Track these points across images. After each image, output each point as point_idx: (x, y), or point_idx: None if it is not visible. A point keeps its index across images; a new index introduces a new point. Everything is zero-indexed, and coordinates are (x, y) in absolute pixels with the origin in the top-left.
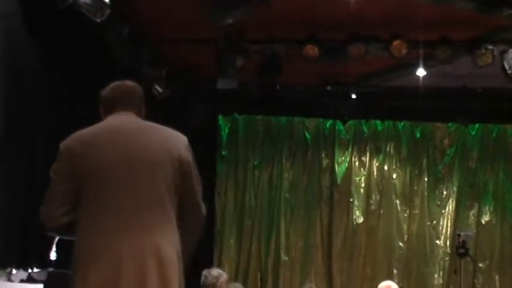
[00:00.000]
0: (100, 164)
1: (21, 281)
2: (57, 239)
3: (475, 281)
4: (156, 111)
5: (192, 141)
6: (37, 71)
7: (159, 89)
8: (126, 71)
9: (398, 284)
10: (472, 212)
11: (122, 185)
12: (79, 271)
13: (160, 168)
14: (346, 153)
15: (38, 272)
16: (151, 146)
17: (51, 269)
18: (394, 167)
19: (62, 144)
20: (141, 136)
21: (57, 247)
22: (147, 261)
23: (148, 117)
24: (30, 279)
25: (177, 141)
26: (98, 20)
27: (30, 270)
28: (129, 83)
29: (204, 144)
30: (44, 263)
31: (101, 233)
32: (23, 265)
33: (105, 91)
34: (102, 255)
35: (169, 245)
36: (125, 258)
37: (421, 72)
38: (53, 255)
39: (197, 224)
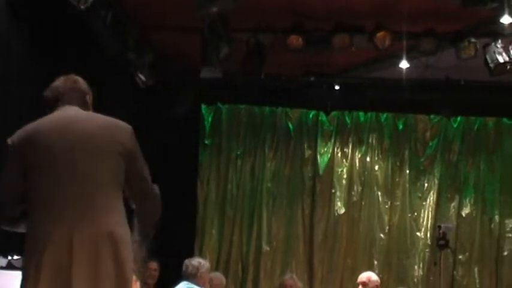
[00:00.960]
0: (44, 155)
1: (1, 268)
2: None
3: (455, 272)
4: (140, 100)
5: (175, 130)
6: (20, 59)
7: (143, 77)
8: (110, 58)
9: (378, 275)
10: (453, 204)
11: (67, 174)
12: (31, 262)
13: (103, 155)
14: (329, 144)
15: (17, 259)
16: (93, 134)
17: None
18: (376, 158)
19: (9, 139)
20: (83, 124)
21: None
22: (99, 243)
23: (132, 104)
24: (10, 266)
25: (119, 129)
26: (82, 7)
27: (9, 258)
28: (69, 78)
29: (186, 133)
30: (23, 250)
31: (50, 221)
32: (2, 252)
33: (46, 92)
34: (52, 242)
35: (119, 226)
36: (75, 243)
37: (404, 64)
38: None
39: (150, 206)
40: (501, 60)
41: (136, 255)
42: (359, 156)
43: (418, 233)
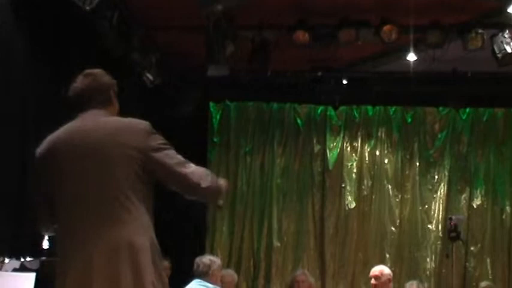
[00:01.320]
0: (61, 171)
1: (14, 269)
2: None
3: (467, 264)
4: (147, 99)
5: (183, 129)
6: (24, 59)
7: (150, 77)
8: (116, 59)
9: (390, 268)
10: (464, 195)
11: (83, 188)
12: (58, 277)
13: (114, 164)
14: (338, 139)
15: (30, 260)
16: (102, 144)
17: (43, 258)
18: (385, 152)
19: (36, 153)
20: (92, 135)
21: (49, 236)
22: (118, 253)
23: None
24: (23, 268)
25: (130, 131)
26: (87, 8)
27: (22, 259)
28: (87, 76)
29: (195, 131)
30: (36, 251)
31: (71, 237)
32: (15, 254)
33: (67, 94)
34: (74, 257)
35: (139, 234)
36: (95, 256)
37: (411, 57)
38: (45, 244)
39: (194, 192)
40: (509, 50)
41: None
42: (368, 150)
43: (429, 226)
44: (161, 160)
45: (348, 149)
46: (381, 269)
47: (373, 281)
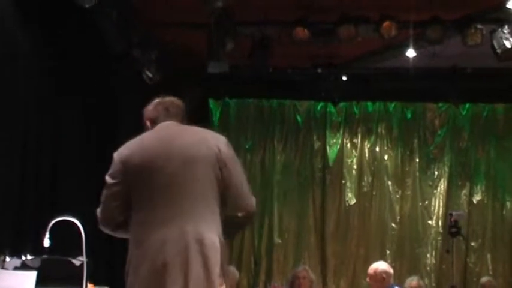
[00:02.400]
0: (146, 164)
1: (15, 268)
2: (50, 225)
3: (468, 259)
4: (147, 96)
5: None
6: (27, 57)
7: (150, 74)
8: (116, 55)
9: (391, 264)
10: (464, 191)
11: (166, 181)
12: (132, 262)
13: (202, 164)
14: (338, 135)
15: (31, 259)
16: (192, 145)
17: (45, 256)
18: (385, 148)
19: (115, 153)
20: (182, 136)
21: (50, 234)
22: (190, 246)
23: (139, 101)
24: (24, 266)
25: (216, 139)
26: (87, 6)
27: (23, 258)
28: (170, 98)
29: None
30: (37, 250)
31: (149, 225)
32: (16, 252)
33: (149, 109)
34: (149, 243)
35: (212, 232)
36: (168, 244)
37: (411, 53)
38: (46, 242)
39: (242, 215)
40: (508, 45)
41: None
42: (368, 146)
43: (429, 221)
44: (234, 172)
45: (348, 145)
46: (375, 267)
47: (368, 280)
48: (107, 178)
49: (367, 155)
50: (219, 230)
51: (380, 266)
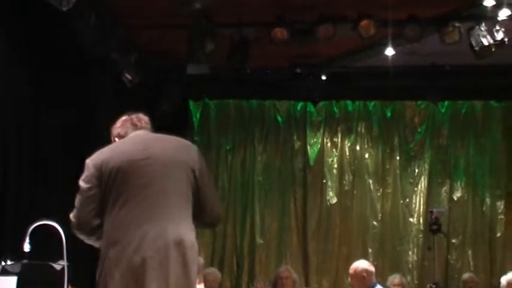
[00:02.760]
0: (124, 166)
1: None
2: (30, 230)
3: (449, 256)
4: (127, 98)
5: (163, 128)
6: (3, 61)
7: (129, 77)
8: (95, 59)
9: (373, 262)
10: (444, 188)
11: (146, 182)
12: (106, 263)
13: (179, 168)
14: (318, 135)
15: (11, 264)
16: (170, 149)
17: (25, 261)
18: (366, 146)
19: (88, 159)
20: (158, 141)
21: (30, 239)
22: (169, 245)
23: (118, 104)
24: (4, 272)
25: (191, 148)
26: (64, 9)
27: (3, 263)
28: (136, 114)
29: (175, 130)
30: (17, 255)
31: (127, 224)
32: None
33: (117, 126)
34: (127, 241)
35: (190, 234)
36: (147, 242)
37: (389, 51)
38: (26, 247)
39: (213, 216)
40: (486, 43)
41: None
42: (349, 145)
43: (410, 219)
44: (206, 181)
45: (329, 144)
46: (355, 267)
47: (349, 279)
48: (81, 183)
49: (347, 153)
50: (194, 232)
51: (360, 264)
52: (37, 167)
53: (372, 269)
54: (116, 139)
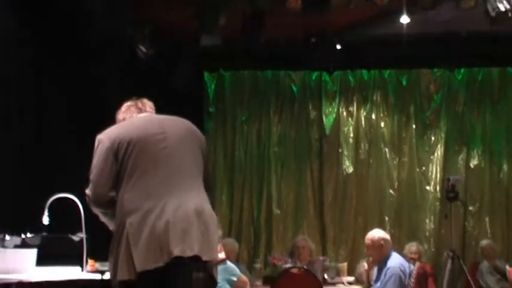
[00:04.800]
0: (140, 140)
1: (15, 246)
2: (48, 203)
3: (466, 224)
4: (142, 71)
5: (178, 100)
6: (18, 42)
7: (143, 49)
8: (110, 32)
9: (389, 231)
10: (461, 156)
11: (164, 154)
12: (127, 229)
13: (193, 143)
14: (334, 104)
15: (31, 237)
16: (182, 127)
17: (44, 233)
18: (381, 115)
19: (100, 135)
20: (170, 120)
21: (49, 212)
22: (190, 213)
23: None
24: (24, 244)
25: (197, 129)
26: None
27: (23, 236)
28: (140, 99)
29: (190, 102)
30: (37, 228)
31: (146, 195)
32: (16, 231)
33: (122, 111)
34: (147, 210)
35: (208, 204)
36: (169, 210)
37: (404, 19)
38: (45, 220)
39: (211, 187)
40: (502, 8)
41: None
42: (364, 114)
43: (427, 187)
44: (208, 164)
45: (344, 114)
46: (372, 236)
47: (366, 250)
48: (96, 157)
49: (363, 123)
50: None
51: (376, 233)
52: (54, 140)
53: (388, 237)
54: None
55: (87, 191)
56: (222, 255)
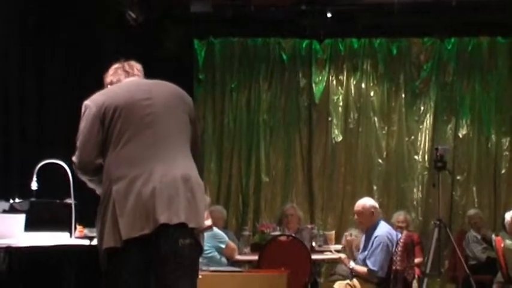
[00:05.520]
0: (127, 106)
1: (4, 211)
2: (37, 168)
3: (453, 193)
4: (131, 38)
5: (168, 67)
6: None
7: (133, 15)
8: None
9: (378, 200)
10: (450, 126)
11: (151, 120)
12: (113, 196)
13: (180, 109)
14: (323, 73)
15: (20, 202)
16: (169, 92)
17: (32, 199)
18: (371, 84)
19: (87, 100)
20: (158, 85)
21: (37, 177)
22: (177, 179)
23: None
24: (13, 210)
25: (185, 95)
26: None
27: (12, 201)
28: (128, 62)
29: (180, 69)
30: (25, 193)
31: (133, 161)
32: (4, 196)
33: (109, 74)
34: (134, 176)
35: (195, 171)
36: (156, 176)
37: None
38: (34, 185)
39: (200, 157)
40: None
41: None
42: (354, 83)
43: (415, 156)
44: (197, 125)
45: (334, 82)
46: (363, 204)
47: (356, 217)
48: (82, 123)
49: (353, 91)
50: (196, 168)
51: (367, 201)
52: (42, 105)
53: (378, 206)
54: (109, 86)
55: (74, 158)
56: (208, 222)
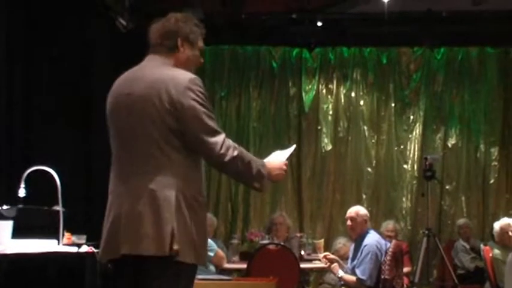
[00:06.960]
0: (110, 115)
1: None
2: (25, 175)
3: (442, 202)
4: (121, 44)
5: None
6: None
7: (123, 22)
8: (89, 3)
9: (367, 208)
10: (439, 135)
11: (120, 136)
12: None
13: (148, 116)
14: (313, 81)
15: (7, 209)
16: (140, 96)
17: (20, 206)
18: (361, 93)
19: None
20: (135, 84)
21: (26, 184)
22: (140, 204)
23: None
24: (0, 216)
25: (170, 84)
26: None
27: None
28: (159, 23)
29: None
30: (13, 200)
31: (113, 176)
32: None
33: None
34: (114, 194)
35: (165, 187)
36: (123, 200)
37: None
38: (21, 192)
39: (212, 161)
40: None
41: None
42: (344, 92)
43: (405, 166)
44: (189, 119)
45: (324, 91)
46: (357, 210)
47: (348, 222)
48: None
49: (342, 100)
50: (177, 184)
51: (361, 209)
52: (31, 111)
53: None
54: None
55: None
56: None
